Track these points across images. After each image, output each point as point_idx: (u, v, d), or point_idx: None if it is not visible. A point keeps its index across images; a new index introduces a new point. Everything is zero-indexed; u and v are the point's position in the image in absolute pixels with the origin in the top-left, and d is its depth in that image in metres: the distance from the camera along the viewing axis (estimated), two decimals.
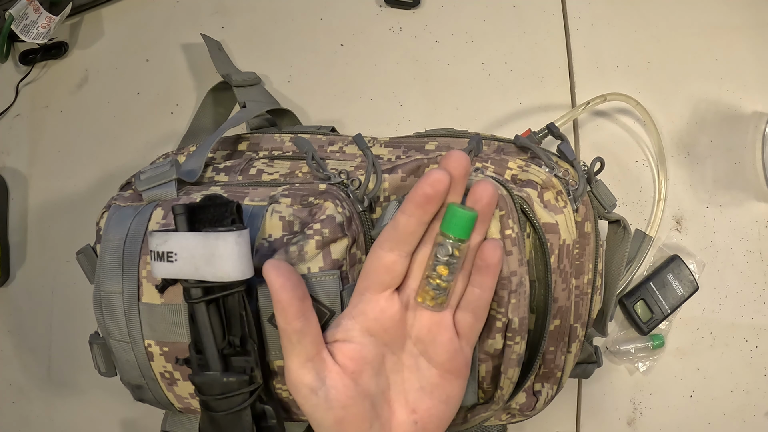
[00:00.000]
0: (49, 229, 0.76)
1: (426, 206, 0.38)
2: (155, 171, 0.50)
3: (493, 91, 0.71)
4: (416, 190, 0.38)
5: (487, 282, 0.42)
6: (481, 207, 0.40)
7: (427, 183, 0.38)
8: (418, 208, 0.38)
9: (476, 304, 0.42)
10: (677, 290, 0.66)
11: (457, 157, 0.38)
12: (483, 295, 0.42)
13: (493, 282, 0.42)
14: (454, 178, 0.39)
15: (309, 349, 0.40)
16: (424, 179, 0.38)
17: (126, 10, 0.78)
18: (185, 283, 0.41)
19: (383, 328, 0.42)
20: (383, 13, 0.74)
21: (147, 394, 0.51)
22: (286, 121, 0.70)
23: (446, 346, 0.42)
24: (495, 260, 0.41)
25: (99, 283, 0.47)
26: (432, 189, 0.37)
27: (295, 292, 0.39)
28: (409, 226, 0.39)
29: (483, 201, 0.40)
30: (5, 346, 0.76)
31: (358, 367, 0.41)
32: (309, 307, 0.40)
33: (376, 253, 0.41)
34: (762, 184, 0.68)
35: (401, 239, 0.40)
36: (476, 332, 0.44)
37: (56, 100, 0.78)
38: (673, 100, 0.70)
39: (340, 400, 0.40)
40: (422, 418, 0.43)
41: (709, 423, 0.67)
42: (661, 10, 0.71)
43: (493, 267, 0.41)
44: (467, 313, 0.43)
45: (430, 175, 0.37)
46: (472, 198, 0.40)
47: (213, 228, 0.39)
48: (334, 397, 0.40)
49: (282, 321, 0.39)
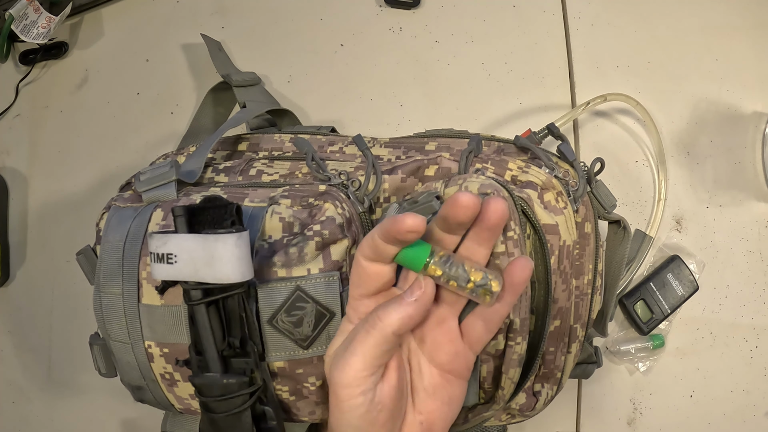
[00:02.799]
0: (49, 229, 0.76)
1: (397, 244, 0.37)
2: (155, 172, 0.50)
3: (493, 91, 0.71)
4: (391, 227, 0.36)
5: (507, 297, 0.40)
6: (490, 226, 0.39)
7: (397, 230, 0.36)
8: (393, 243, 0.37)
9: (490, 316, 0.41)
10: (677, 290, 0.66)
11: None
12: (500, 310, 0.41)
13: (514, 299, 0.41)
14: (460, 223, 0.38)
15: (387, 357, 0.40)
16: (397, 223, 0.35)
17: (126, 10, 0.78)
18: (185, 285, 0.41)
19: None
20: (383, 13, 0.74)
21: (147, 395, 0.51)
22: (286, 122, 0.70)
23: (447, 347, 0.42)
24: (521, 279, 0.40)
25: (99, 284, 0.47)
26: (402, 236, 0.36)
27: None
28: (387, 249, 0.38)
29: (491, 221, 0.38)
30: (5, 346, 0.76)
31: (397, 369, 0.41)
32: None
33: (359, 263, 0.40)
34: (762, 184, 0.68)
35: (381, 256, 0.38)
36: (483, 343, 0.43)
37: (56, 100, 0.78)
38: (673, 100, 0.70)
39: (384, 402, 0.40)
40: (427, 419, 0.43)
41: (709, 423, 0.67)
42: (661, 10, 0.71)
43: (518, 286, 0.40)
44: (479, 320, 0.42)
45: (404, 219, 0.35)
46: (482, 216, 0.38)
47: (213, 230, 0.39)
48: (379, 400, 0.40)
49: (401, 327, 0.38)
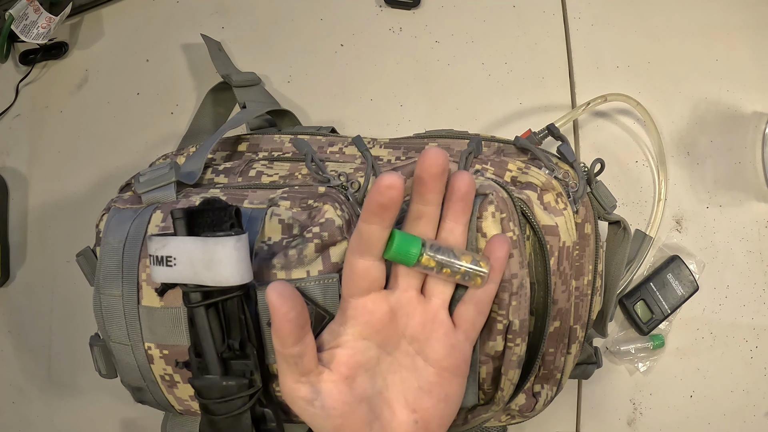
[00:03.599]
0: (49, 229, 0.76)
1: (383, 213, 0.37)
2: (154, 173, 0.50)
3: (493, 92, 0.71)
4: (369, 198, 0.37)
5: (493, 276, 0.42)
6: (461, 196, 0.40)
7: (378, 192, 0.36)
8: (375, 216, 0.37)
9: (480, 297, 0.42)
10: (677, 290, 0.66)
11: (432, 155, 0.38)
12: (488, 289, 0.42)
13: (499, 276, 0.42)
14: (432, 176, 0.38)
15: (304, 368, 0.40)
16: (376, 187, 0.36)
17: (126, 10, 0.78)
18: (184, 288, 0.41)
19: (375, 330, 0.42)
20: (383, 13, 0.74)
21: (147, 396, 0.51)
22: (286, 122, 0.70)
23: (442, 342, 0.43)
24: (502, 254, 0.41)
25: (99, 285, 0.47)
26: (383, 197, 0.36)
27: (298, 321, 0.38)
28: (373, 232, 0.38)
29: (462, 191, 0.40)
30: (5, 346, 0.76)
31: (352, 371, 0.41)
32: (308, 330, 0.39)
33: (348, 260, 0.40)
34: (762, 184, 0.68)
35: (368, 245, 0.39)
36: (477, 327, 0.44)
37: (56, 101, 0.78)
38: (673, 100, 0.70)
39: (337, 407, 0.41)
40: (423, 417, 0.43)
41: (709, 423, 0.67)
42: (661, 10, 0.71)
43: (500, 261, 0.42)
44: (470, 305, 0.43)
45: (381, 180, 0.36)
46: (450, 190, 0.40)
47: (212, 232, 0.39)
48: (331, 405, 0.41)
49: (279, 346, 0.39)
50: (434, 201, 0.40)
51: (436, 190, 0.39)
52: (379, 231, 0.38)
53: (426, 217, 0.41)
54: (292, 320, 0.38)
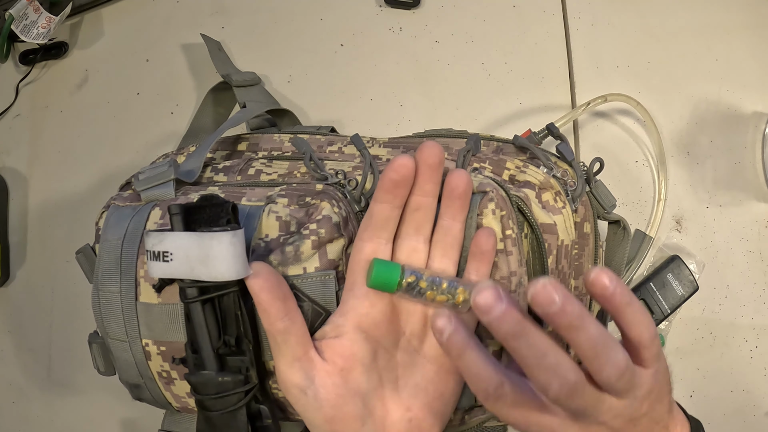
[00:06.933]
0: (49, 229, 0.76)
1: (395, 191, 0.40)
2: (153, 171, 0.50)
3: (493, 91, 0.71)
4: (383, 176, 0.40)
5: (482, 269, 0.42)
6: (459, 194, 0.41)
7: (392, 169, 0.39)
8: (388, 194, 0.40)
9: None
10: (677, 290, 0.66)
11: (429, 146, 0.40)
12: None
13: (488, 269, 0.43)
14: (429, 166, 0.40)
15: (295, 350, 0.41)
16: (390, 165, 0.39)
17: (126, 10, 0.78)
18: (181, 283, 0.41)
19: (374, 324, 0.42)
20: (383, 13, 0.74)
21: (145, 393, 0.51)
22: (286, 122, 0.70)
23: None
24: (489, 246, 0.42)
25: (97, 282, 0.47)
26: (397, 174, 0.39)
27: (275, 292, 0.39)
28: (383, 211, 0.41)
29: (459, 188, 0.41)
30: (5, 346, 0.76)
31: (348, 363, 0.41)
32: (293, 307, 0.41)
33: (356, 246, 0.42)
34: (762, 184, 0.68)
35: (378, 226, 0.41)
36: (473, 323, 0.44)
37: (56, 100, 0.78)
38: (673, 100, 0.70)
39: (330, 399, 0.41)
40: (417, 415, 0.43)
41: (709, 423, 0.66)
42: (661, 10, 0.71)
43: (487, 253, 0.42)
44: None
45: (395, 160, 0.39)
46: (448, 188, 0.41)
47: (208, 228, 0.39)
48: (324, 396, 0.41)
49: (265, 322, 0.40)
50: (431, 192, 0.41)
51: (434, 181, 0.41)
52: (389, 210, 0.41)
53: (423, 209, 0.42)
54: (268, 290, 0.39)
